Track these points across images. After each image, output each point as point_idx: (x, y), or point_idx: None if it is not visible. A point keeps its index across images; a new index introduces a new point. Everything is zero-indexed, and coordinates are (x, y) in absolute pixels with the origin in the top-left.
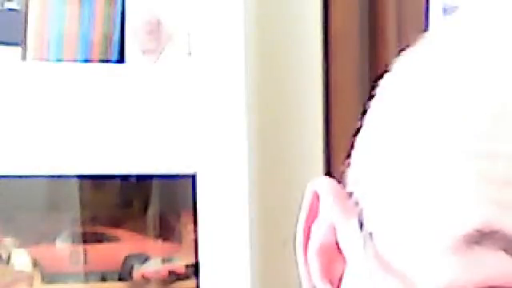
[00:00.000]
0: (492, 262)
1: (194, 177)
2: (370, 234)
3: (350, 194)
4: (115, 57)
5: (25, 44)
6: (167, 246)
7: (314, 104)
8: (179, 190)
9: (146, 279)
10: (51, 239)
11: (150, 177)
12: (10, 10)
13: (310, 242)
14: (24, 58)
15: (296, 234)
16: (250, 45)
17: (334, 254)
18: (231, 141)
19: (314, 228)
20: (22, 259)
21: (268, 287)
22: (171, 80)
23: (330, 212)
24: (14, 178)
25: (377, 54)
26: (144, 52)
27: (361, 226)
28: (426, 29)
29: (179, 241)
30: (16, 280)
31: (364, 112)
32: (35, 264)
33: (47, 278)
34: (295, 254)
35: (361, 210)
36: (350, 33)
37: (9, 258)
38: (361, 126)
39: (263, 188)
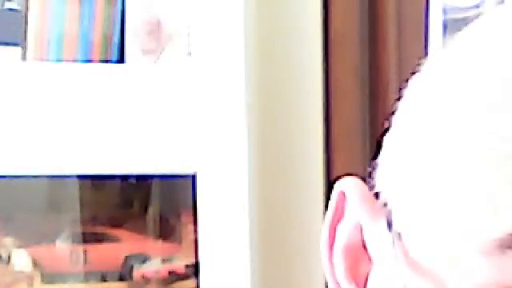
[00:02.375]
0: None
1: (194, 177)
2: (399, 234)
3: (378, 195)
4: (115, 57)
5: (25, 44)
6: (167, 246)
7: (314, 104)
8: (179, 189)
9: (145, 279)
10: (51, 239)
11: (150, 177)
12: (9, 9)
13: (336, 242)
14: (24, 58)
15: (321, 233)
16: (249, 45)
17: (359, 254)
18: (231, 141)
19: (339, 228)
20: (22, 259)
21: (268, 287)
22: (171, 80)
23: (357, 212)
24: (14, 178)
25: (377, 54)
26: (144, 52)
27: (389, 226)
28: (426, 29)
29: (179, 241)
30: (16, 280)
31: (392, 112)
32: (35, 264)
33: (47, 278)
34: (295, 253)
35: (389, 211)
36: (350, 33)
37: (9, 258)
38: (389, 127)
39: (263, 188)
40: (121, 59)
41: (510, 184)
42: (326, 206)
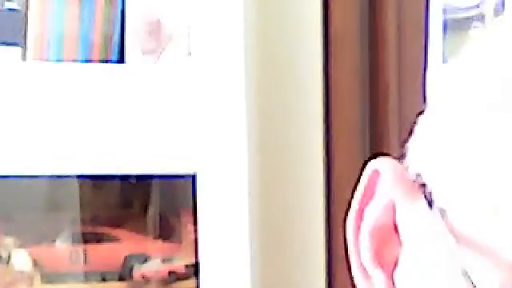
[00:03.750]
0: None
1: (194, 177)
2: (443, 210)
3: (417, 175)
4: (115, 57)
5: (25, 44)
6: (167, 246)
7: (314, 104)
8: (179, 189)
9: (145, 279)
10: (51, 239)
11: (150, 177)
12: (9, 9)
13: (363, 223)
14: (24, 58)
15: (349, 213)
16: (249, 45)
17: (388, 236)
18: (231, 141)
19: (368, 208)
20: (21, 259)
21: (268, 287)
22: (171, 80)
23: (391, 191)
24: (14, 178)
25: (377, 54)
26: (144, 52)
27: (430, 205)
28: (426, 29)
29: (179, 241)
30: (16, 280)
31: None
32: (35, 264)
33: (47, 278)
34: (295, 253)
35: (429, 190)
36: (350, 33)
37: (9, 257)
38: (423, 110)
39: (263, 188)
40: (121, 59)
41: None
42: (326, 206)
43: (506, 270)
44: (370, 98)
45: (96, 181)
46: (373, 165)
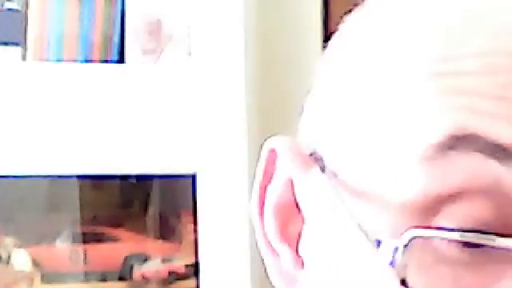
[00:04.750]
0: (468, 164)
1: (194, 177)
2: (334, 173)
3: (308, 144)
4: (115, 57)
5: (25, 44)
6: (167, 246)
7: None
8: (179, 189)
9: (145, 279)
10: (51, 239)
11: (150, 177)
12: (9, 10)
13: (266, 202)
14: (24, 58)
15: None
16: (249, 45)
17: (291, 212)
18: (231, 141)
19: (270, 188)
20: (21, 259)
21: (268, 287)
22: (171, 80)
23: (289, 168)
24: (14, 178)
25: None
26: (144, 52)
27: (322, 170)
28: None
29: (179, 241)
30: (16, 280)
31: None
32: (35, 264)
33: (47, 278)
34: None
35: (320, 157)
36: None
37: (9, 257)
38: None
39: None
40: (121, 59)
41: (445, 93)
42: None
43: (392, 212)
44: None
45: (96, 181)
46: (269, 144)
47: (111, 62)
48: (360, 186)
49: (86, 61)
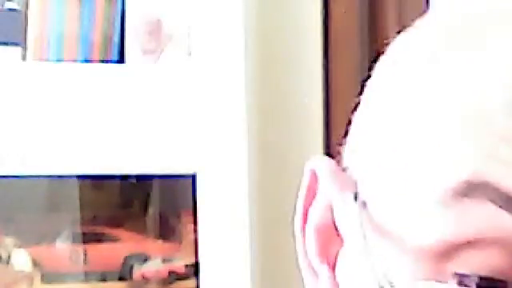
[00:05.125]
0: (482, 213)
1: (194, 177)
2: (364, 202)
3: (345, 169)
4: (115, 57)
5: (25, 44)
6: (167, 246)
7: (314, 104)
8: (179, 189)
9: (145, 279)
10: (51, 239)
11: (150, 177)
12: (9, 10)
13: (308, 222)
14: (24, 58)
15: (294, 214)
16: (249, 45)
17: (331, 234)
18: (231, 141)
19: (311, 208)
20: (21, 259)
21: (268, 287)
22: (171, 80)
23: (328, 191)
24: (14, 178)
25: (377, 54)
26: (144, 52)
27: (355, 197)
28: None
29: (179, 241)
30: (16, 280)
31: (361, 92)
32: (35, 264)
33: (47, 278)
34: (295, 253)
35: (355, 182)
36: (350, 33)
37: (9, 257)
38: (358, 104)
39: (263, 188)
40: (121, 59)
41: (464, 135)
42: None
43: (409, 256)
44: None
45: (96, 181)
46: (310, 165)
47: (111, 61)
48: (384, 223)
49: (86, 61)
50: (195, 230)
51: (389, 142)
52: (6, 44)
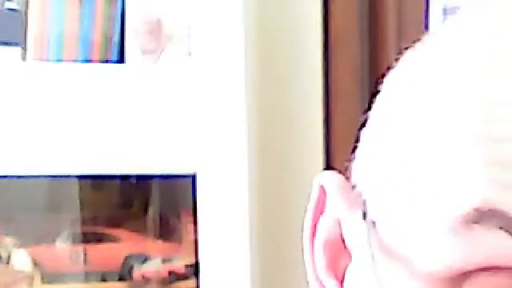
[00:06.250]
0: (492, 241)
1: (194, 177)
2: (373, 222)
3: (354, 186)
4: (115, 57)
5: (25, 44)
6: (167, 246)
7: (314, 104)
8: (179, 189)
9: (145, 279)
10: (51, 239)
11: (150, 177)
12: (9, 10)
13: (316, 237)
14: (24, 58)
15: (303, 227)
16: (249, 45)
17: (339, 249)
18: (231, 141)
19: (320, 223)
20: (21, 259)
21: (268, 287)
22: (171, 80)
23: (336, 206)
24: (14, 178)
25: (377, 54)
26: (144, 52)
27: (364, 216)
28: (426, 29)
29: (179, 241)
30: (16, 280)
31: (369, 107)
32: (35, 264)
33: (47, 278)
34: (295, 253)
35: (364, 201)
36: (350, 33)
37: (9, 257)
38: (366, 120)
39: (263, 188)
40: (121, 59)
41: (475, 161)
42: None
43: (417, 280)
44: (370, 99)
45: (96, 181)
46: (319, 180)
47: (111, 61)
48: (393, 245)
49: (86, 61)
50: (195, 230)
51: (398, 164)
52: (6, 44)
